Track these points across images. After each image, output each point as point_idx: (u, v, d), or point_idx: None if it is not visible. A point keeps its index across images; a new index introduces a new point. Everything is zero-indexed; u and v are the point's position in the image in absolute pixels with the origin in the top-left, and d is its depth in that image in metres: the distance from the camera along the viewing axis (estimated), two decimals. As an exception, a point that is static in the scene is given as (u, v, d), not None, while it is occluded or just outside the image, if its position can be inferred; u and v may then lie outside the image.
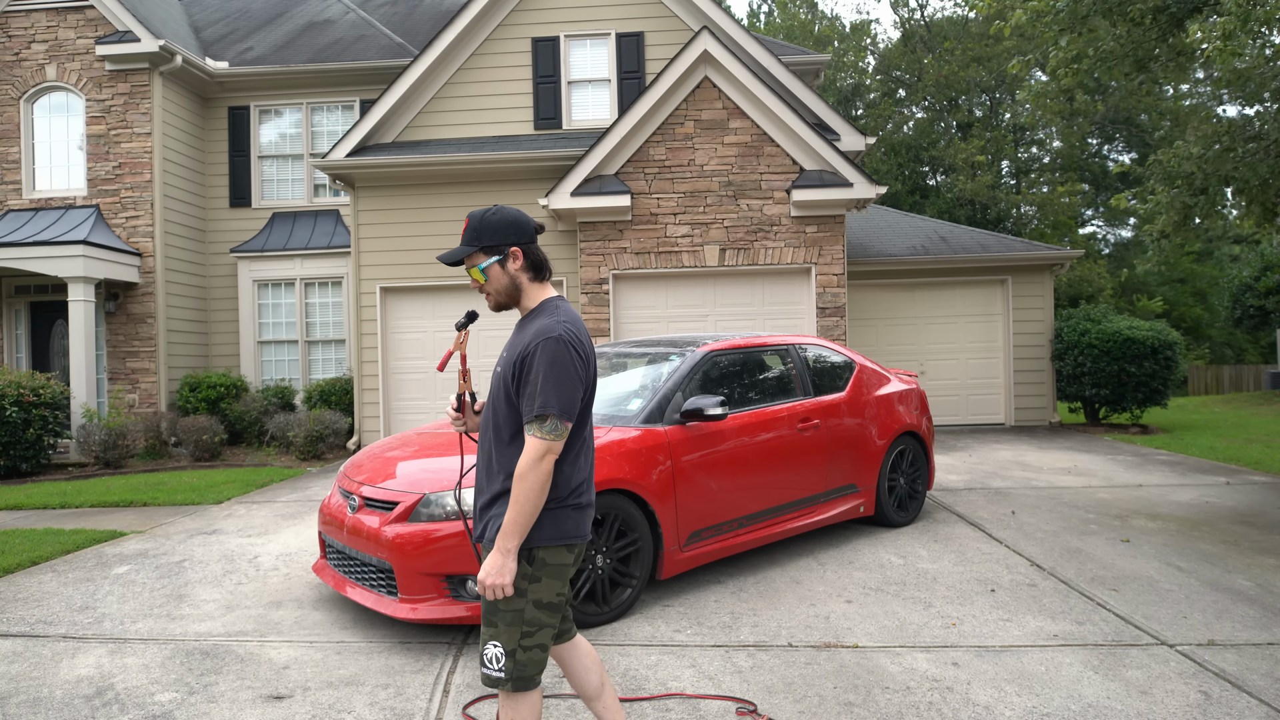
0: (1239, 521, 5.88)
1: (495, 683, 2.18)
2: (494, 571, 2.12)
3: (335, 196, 12.58)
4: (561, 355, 2.14)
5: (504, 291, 2.31)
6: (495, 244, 2.28)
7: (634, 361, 5.38)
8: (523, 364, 2.18)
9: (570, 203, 9.68)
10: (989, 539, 5.45)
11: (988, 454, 9.13)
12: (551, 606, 2.22)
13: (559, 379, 2.13)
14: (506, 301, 2.33)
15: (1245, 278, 18.03)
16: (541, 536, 2.18)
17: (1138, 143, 28.29)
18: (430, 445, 4.52)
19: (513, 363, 2.21)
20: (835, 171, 9.58)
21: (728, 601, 4.30)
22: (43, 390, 9.69)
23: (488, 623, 2.20)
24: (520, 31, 11.06)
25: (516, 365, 2.20)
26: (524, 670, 2.18)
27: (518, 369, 2.19)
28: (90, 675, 3.52)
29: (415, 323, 10.72)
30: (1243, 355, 30.51)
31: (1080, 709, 3.05)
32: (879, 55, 31.56)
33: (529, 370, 2.16)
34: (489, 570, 2.12)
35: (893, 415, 5.83)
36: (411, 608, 3.74)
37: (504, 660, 2.17)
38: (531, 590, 2.18)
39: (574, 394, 2.17)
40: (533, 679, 2.20)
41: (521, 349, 2.20)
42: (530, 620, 2.18)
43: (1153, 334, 10.97)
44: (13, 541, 5.81)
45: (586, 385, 2.24)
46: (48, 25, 11.69)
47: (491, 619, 2.19)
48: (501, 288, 2.31)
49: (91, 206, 11.53)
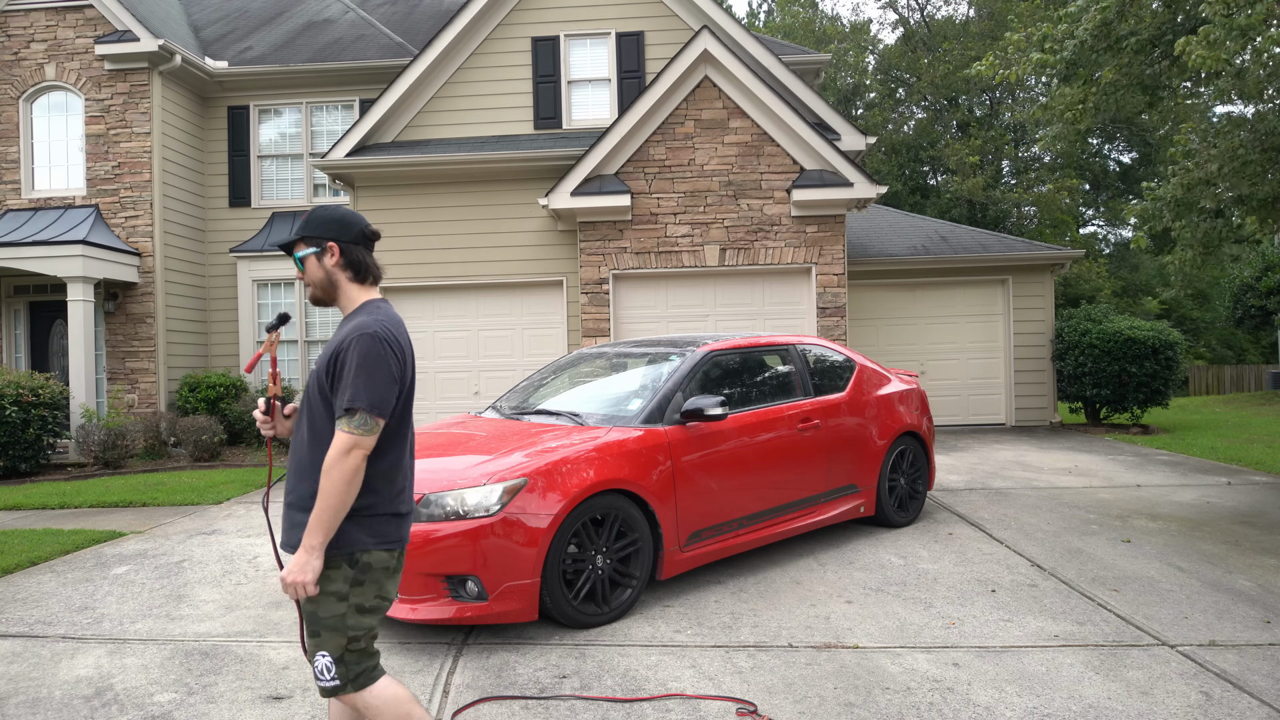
0: (1240, 522, 5.88)
1: (334, 691, 2.16)
2: (297, 569, 2.07)
3: (335, 196, 12.57)
4: (376, 350, 2.13)
5: (319, 285, 2.32)
6: (316, 236, 2.30)
7: (634, 361, 5.38)
8: (337, 359, 2.17)
9: (570, 202, 9.67)
10: (989, 539, 5.44)
11: (988, 454, 9.12)
12: (373, 610, 2.20)
13: (371, 374, 2.11)
14: (323, 296, 2.34)
15: (1246, 278, 18.04)
16: (362, 541, 2.16)
17: (1138, 142, 28.28)
18: (430, 445, 4.52)
19: (327, 359, 2.20)
20: (835, 171, 9.57)
21: (728, 602, 4.29)
22: (42, 390, 9.68)
23: (311, 633, 2.17)
24: (520, 31, 11.05)
25: (331, 361, 2.19)
26: (358, 670, 2.17)
27: (332, 365, 2.18)
28: (89, 675, 3.51)
29: (415, 323, 10.71)
30: (1244, 355, 30.50)
31: (1081, 709, 3.04)
32: (879, 55, 31.56)
33: (342, 365, 2.14)
34: (292, 568, 2.07)
35: (893, 415, 5.82)
36: (411, 608, 3.73)
37: (335, 668, 2.15)
38: (353, 594, 2.15)
39: (387, 390, 2.14)
40: (370, 673, 2.19)
41: (336, 345, 2.19)
42: (354, 625, 2.16)
43: (1153, 334, 10.96)
44: (12, 542, 5.80)
45: (403, 385, 2.22)
46: (47, 25, 11.68)
47: (315, 629, 2.16)
48: (317, 281, 2.32)
49: (91, 206, 11.52)
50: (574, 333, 10.40)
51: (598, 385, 5.42)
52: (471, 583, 3.71)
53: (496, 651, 3.69)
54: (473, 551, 3.67)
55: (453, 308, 10.71)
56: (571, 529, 3.89)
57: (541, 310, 10.64)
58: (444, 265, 10.56)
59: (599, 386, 5.38)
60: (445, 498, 3.79)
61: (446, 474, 3.97)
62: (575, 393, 5.33)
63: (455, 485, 3.83)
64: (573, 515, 3.88)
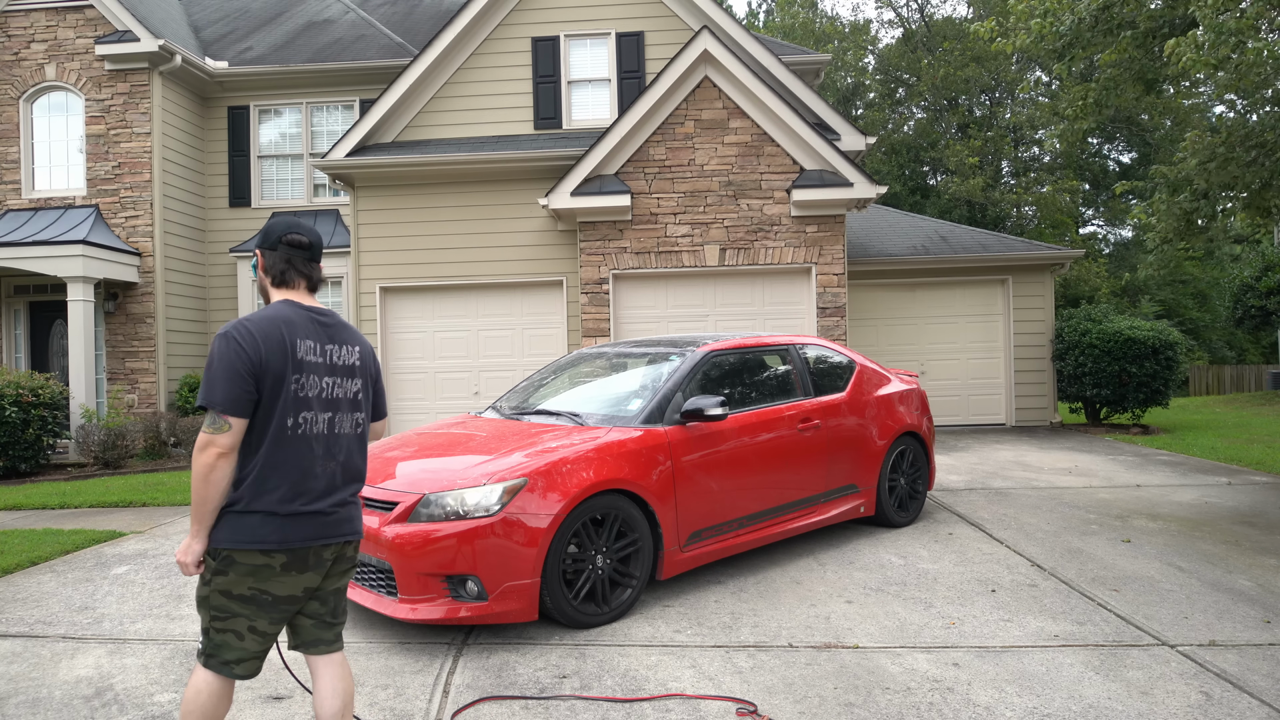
0: (1240, 522, 5.88)
1: (198, 655, 2.35)
2: (180, 550, 2.27)
3: (335, 196, 12.58)
4: (221, 349, 2.22)
5: (259, 286, 2.53)
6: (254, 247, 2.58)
7: (634, 361, 5.38)
8: None
9: (570, 202, 9.67)
10: (989, 539, 5.44)
11: (988, 454, 9.12)
12: (244, 599, 2.26)
13: (214, 372, 2.20)
14: (263, 296, 2.52)
15: (1246, 278, 18.04)
16: (219, 537, 2.25)
17: (1138, 142, 28.28)
18: (430, 445, 4.52)
19: None
20: (835, 171, 9.57)
21: (728, 602, 4.29)
22: (42, 390, 9.68)
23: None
24: (520, 31, 11.05)
25: None
26: (217, 650, 2.30)
27: None
28: (89, 675, 3.51)
29: (415, 323, 10.72)
30: (1244, 355, 30.50)
31: (1081, 709, 3.04)
32: (878, 55, 31.56)
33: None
34: (179, 549, 2.28)
35: (893, 415, 5.82)
36: (411, 608, 3.73)
37: (201, 638, 2.37)
38: (216, 581, 2.27)
39: (235, 389, 2.18)
40: (227, 664, 2.30)
41: None
42: (218, 606, 2.28)
43: (1154, 334, 10.96)
44: (12, 542, 5.80)
45: (260, 384, 2.23)
46: (47, 25, 11.68)
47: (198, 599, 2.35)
48: (258, 282, 2.52)
49: (91, 206, 11.53)
50: (574, 333, 10.40)
51: (598, 385, 5.42)
52: (471, 583, 3.71)
53: (496, 651, 3.69)
54: (473, 551, 3.67)
55: (453, 308, 10.71)
56: (571, 529, 3.89)
57: (541, 310, 10.64)
58: (444, 265, 10.56)
59: (599, 386, 5.39)
60: (445, 498, 3.79)
61: (446, 474, 3.97)
62: (575, 393, 5.33)
63: (455, 485, 3.83)
64: (573, 515, 3.88)
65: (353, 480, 2.47)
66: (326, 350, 2.39)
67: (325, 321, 2.43)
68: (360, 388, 2.48)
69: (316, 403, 2.34)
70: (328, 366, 2.39)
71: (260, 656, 2.36)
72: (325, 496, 2.35)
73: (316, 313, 2.43)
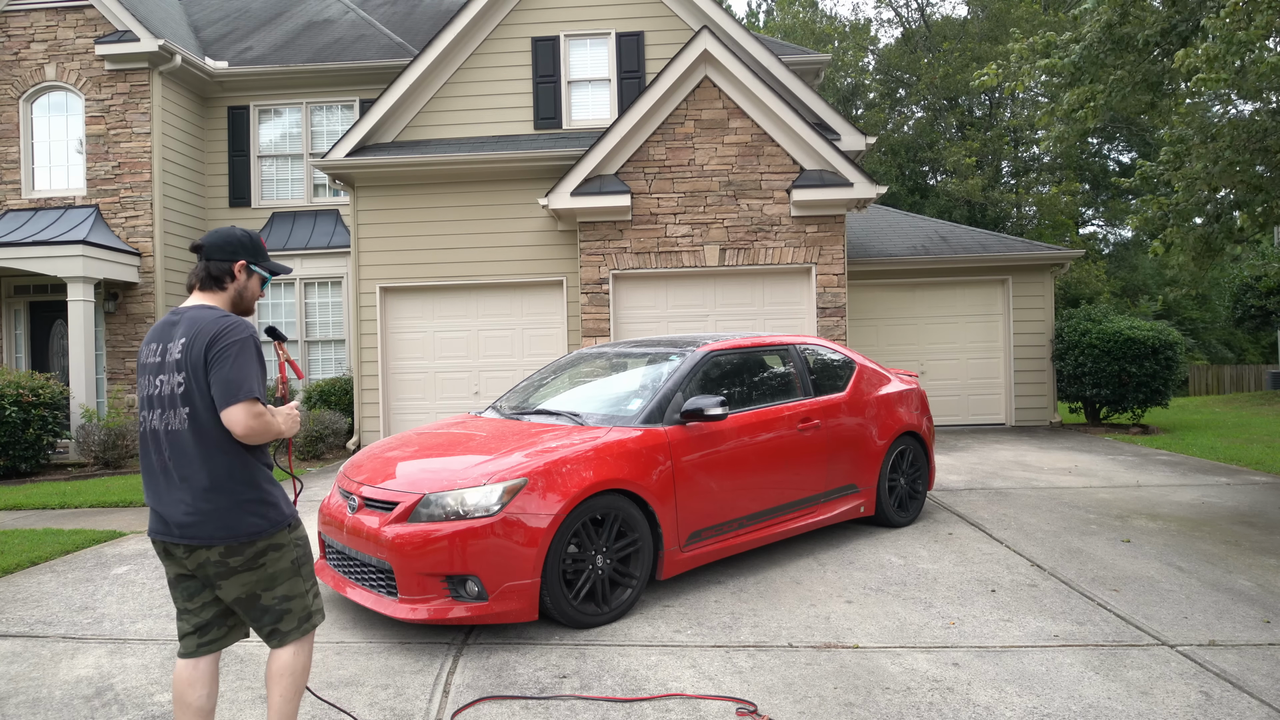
0: (1240, 522, 5.88)
1: None
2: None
3: (335, 196, 12.58)
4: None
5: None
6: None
7: (634, 361, 5.38)
8: None
9: (570, 202, 9.68)
10: (989, 539, 5.44)
11: (988, 454, 9.12)
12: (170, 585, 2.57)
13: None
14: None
15: (1246, 277, 18.04)
16: None
17: (1138, 142, 28.28)
18: (430, 445, 4.52)
19: None
20: (835, 171, 9.57)
21: (728, 602, 4.29)
22: (42, 390, 9.68)
23: None
24: (520, 31, 11.05)
25: None
26: None
27: None
28: (90, 675, 3.52)
29: (415, 323, 10.72)
30: (1244, 355, 30.51)
31: (1081, 709, 3.05)
32: (878, 55, 31.56)
33: None
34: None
35: (893, 415, 5.82)
36: (411, 608, 3.73)
37: None
38: None
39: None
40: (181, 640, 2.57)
41: None
42: None
43: (1153, 334, 10.96)
44: (12, 542, 5.80)
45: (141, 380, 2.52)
46: (47, 25, 11.68)
47: None
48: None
49: (91, 206, 11.53)
50: (574, 333, 10.40)
51: (598, 385, 5.42)
52: (471, 583, 3.71)
53: (496, 651, 3.69)
54: (473, 551, 3.67)
55: (453, 308, 10.71)
56: (571, 529, 3.89)
57: (541, 310, 10.64)
58: (444, 265, 10.56)
59: (599, 386, 5.39)
60: (445, 498, 3.79)
61: (446, 474, 3.97)
62: (575, 393, 5.33)
63: (455, 485, 3.83)
64: (573, 515, 3.89)
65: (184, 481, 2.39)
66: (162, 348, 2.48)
67: (171, 319, 2.52)
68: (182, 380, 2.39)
69: (144, 402, 2.51)
70: (156, 365, 2.48)
71: (186, 636, 2.50)
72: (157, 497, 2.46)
73: (174, 312, 2.55)
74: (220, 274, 2.56)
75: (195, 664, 2.48)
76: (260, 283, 2.67)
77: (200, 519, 2.36)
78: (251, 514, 2.40)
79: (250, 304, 2.66)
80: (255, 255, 2.63)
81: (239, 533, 2.38)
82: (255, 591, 2.44)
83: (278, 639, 2.49)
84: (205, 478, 2.36)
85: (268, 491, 2.47)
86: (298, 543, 2.54)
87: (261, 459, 2.50)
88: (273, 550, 2.45)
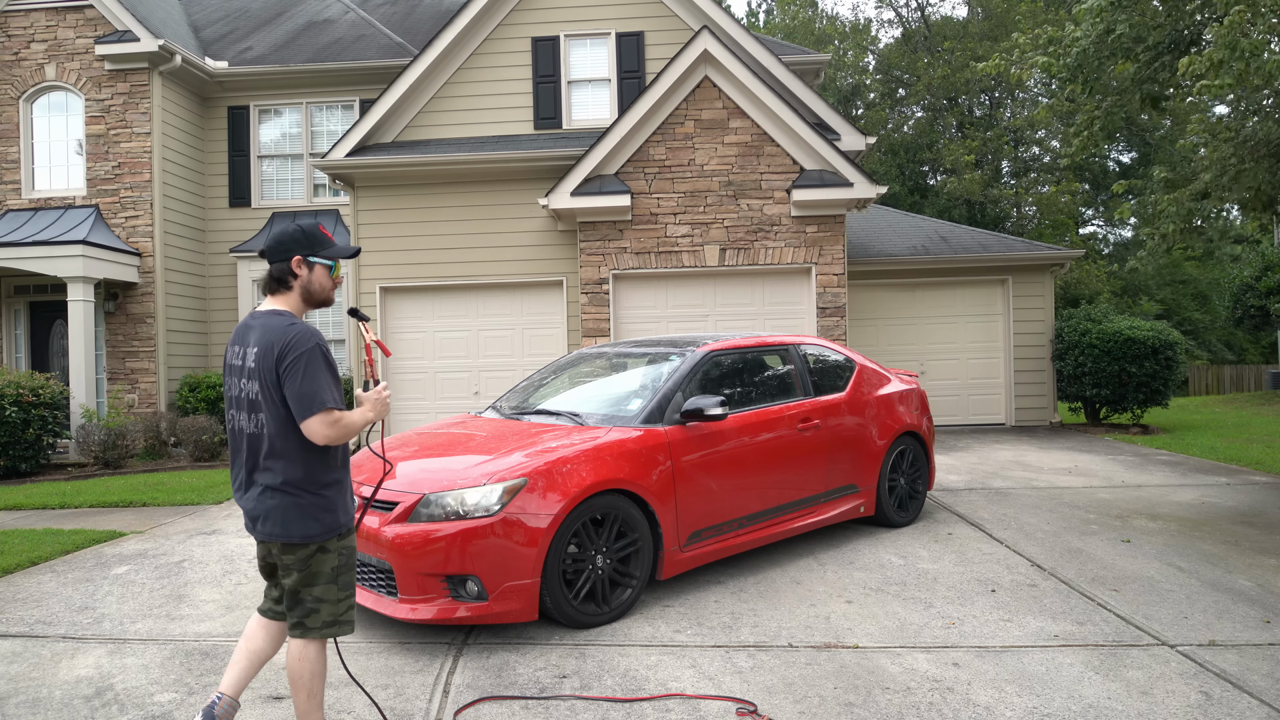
0: (1240, 522, 5.88)
1: None
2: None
3: (335, 196, 12.58)
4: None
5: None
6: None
7: (634, 361, 5.38)
8: None
9: (570, 203, 9.68)
10: (989, 539, 5.44)
11: (988, 454, 9.12)
12: None
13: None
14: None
15: (1246, 278, 18.03)
16: None
17: (1138, 142, 28.27)
18: (430, 445, 4.52)
19: None
20: (835, 171, 9.57)
21: (728, 602, 4.29)
22: (42, 390, 9.68)
23: None
24: (520, 31, 11.05)
25: None
26: None
27: None
28: (90, 675, 3.52)
29: (415, 323, 10.72)
30: (1244, 355, 30.51)
31: (1081, 709, 3.05)
32: (878, 55, 31.56)
33: None
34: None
35: (893, 415, 5.82)
36: (411, 608, 3.73)
37: None
38: None
39: None
40: None
41: None
42: None
43: (1153, 334, 10.96)
44: (12, 542, 5.81)
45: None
46: (47, 25, 11.68)
47: None
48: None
49: (91, 206, 11.53)
50: (574, 333, 10.40)
51: (598, 385, 5.42)
52: (471, 583, 3.71)
53: (496, 651, 3.69)
54: (473, 551, 3.67)
55: (453, 308, 10.71)
56: (571, 529, 3.89)
57: (541, 310, 10.64)
58: (444, 265, 10.56)
59: (599, 386, 5.39)
60: (445, 498, 3.79)
61: (446, 474, 3.97)
62: (575, 393, 5.33)
63: (455, 485, 3.83)
64: (573, 515, 3.88)
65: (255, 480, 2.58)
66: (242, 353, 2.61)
67: (249, 323, 2.63)
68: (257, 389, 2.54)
69: (229, 401, 2.67)
70: (238, 369, 2.62)
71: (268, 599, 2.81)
72: (238, 491, 2.65)
73: (252, 315, 2.65)
74: (281, 275, 2.63)
75: (266, 623, 2.79)
76: (326, 271, 2.67)
77: (264, 516, 2.55)
78: (310, 518, 2.54)
79: (321, 295, 2.68)
80: (311, 246, 2.64)
81: (294, 534, 2.54)
82: (298, 587, 2.59)
83: (300, 631, 2.61)
84: (272, 479, 2.53)
85: (328, 498, 2.58)
86: (342, 551, 2.64)
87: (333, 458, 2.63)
88: (321, 553, 2.59)
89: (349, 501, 2.66)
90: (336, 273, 2.69)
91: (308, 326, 2.55)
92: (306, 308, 2.68)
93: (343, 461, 2.66)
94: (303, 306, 2.67)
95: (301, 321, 2.56)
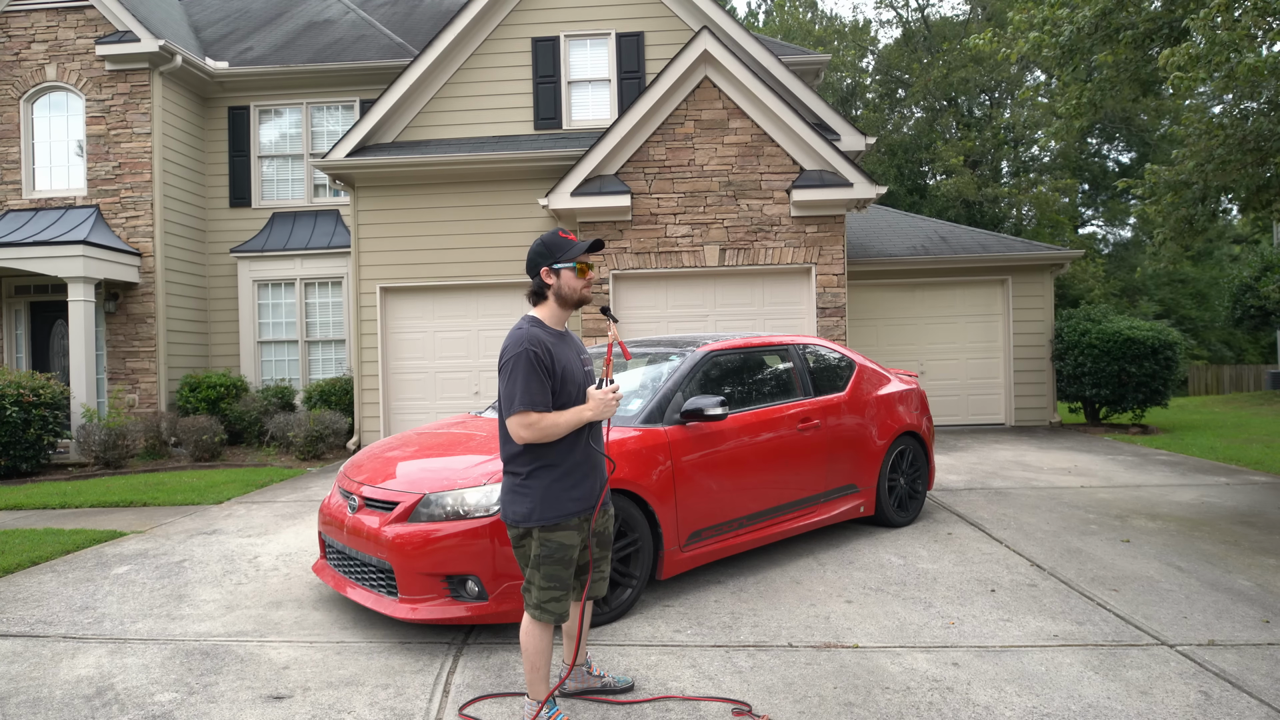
0: (1239, 521, 5.88)
1: None
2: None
3: (335, 196, 12.58)
4: None
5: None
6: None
7: (634, 361, 5.38)
8: None
9: (570, 203, 9.68)
10: (989, 539, 5.45)
11: (988, 454, 9.13)
12: None
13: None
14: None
15: (1245, 278, 18.03)
16: None
17: (1137, 142, 28.28)
18: (430, 445, 4.52)
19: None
20: (835, 171, 9.58)
21: (728, 601, 4.30)
22: (43, 390, 9.69)
23: None
24: (520, 31, 11.05)
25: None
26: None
27: None
28: (90, 675, 3.52)
29: (415, 323, 10.72)
30: (1243, 355, 30.51)
31: (1080, 709, 3.05)
32: (878, 55, 31.56)
33: None
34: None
35: (893, 415, 5.83)
36: (411, 608, 3.74)
37: None
38: None
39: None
40: None
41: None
42: None
43: (1153, 334, 10.97)
44: (13, 541, 5.81)
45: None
46: (47, 25, 11.69)
47: None
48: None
49: (91, 206, 11.53)
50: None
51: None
52: (472, 582, 3.72)
53: (496, 651, 3.70)
54: (473, 551, 3.67)
55: (453, 308, 10.72)
56: (572, 529, 3.89)
57: (541, 310, 10.62)
58: (444, 265, 10.57)
59: (599, 386, 5.38)
60: (445, 498, 3.79)
61: (446, 474, 3.98)
62: (575, 393, 5.32)
63: (455, 485, 3.84)
64: (573, 515, 3.88)
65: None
66: None
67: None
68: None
69: None
70: None
71: None
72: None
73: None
74: (539, 288, 2.90)
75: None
76: (572, 273, 2.85)
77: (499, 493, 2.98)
78: (514, 502, 2.84)
79: (573, 296, 2.89)
80: (553, 256, 2.85)
81: (504, 513, 2.89)
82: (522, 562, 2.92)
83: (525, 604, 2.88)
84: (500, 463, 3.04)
85: (532, 488, 2.80)
86: (545, 543, 2.81)
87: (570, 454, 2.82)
88: (527, 538, 2.86)
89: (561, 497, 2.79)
90: (583, 272, 2.86)
91: (525, 333, 2.76)
92: (566, 311, 2.92)
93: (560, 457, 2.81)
94: (560, 311, 2.90)
95: (525, 328, 2.78)
